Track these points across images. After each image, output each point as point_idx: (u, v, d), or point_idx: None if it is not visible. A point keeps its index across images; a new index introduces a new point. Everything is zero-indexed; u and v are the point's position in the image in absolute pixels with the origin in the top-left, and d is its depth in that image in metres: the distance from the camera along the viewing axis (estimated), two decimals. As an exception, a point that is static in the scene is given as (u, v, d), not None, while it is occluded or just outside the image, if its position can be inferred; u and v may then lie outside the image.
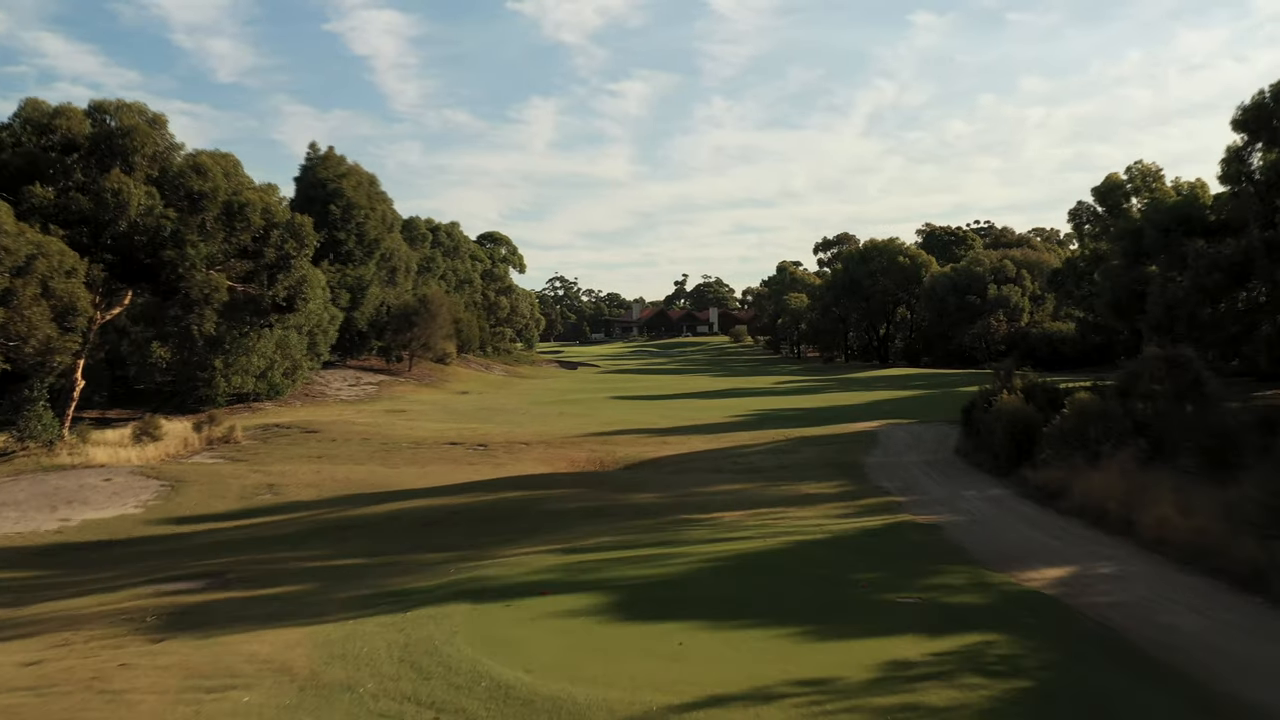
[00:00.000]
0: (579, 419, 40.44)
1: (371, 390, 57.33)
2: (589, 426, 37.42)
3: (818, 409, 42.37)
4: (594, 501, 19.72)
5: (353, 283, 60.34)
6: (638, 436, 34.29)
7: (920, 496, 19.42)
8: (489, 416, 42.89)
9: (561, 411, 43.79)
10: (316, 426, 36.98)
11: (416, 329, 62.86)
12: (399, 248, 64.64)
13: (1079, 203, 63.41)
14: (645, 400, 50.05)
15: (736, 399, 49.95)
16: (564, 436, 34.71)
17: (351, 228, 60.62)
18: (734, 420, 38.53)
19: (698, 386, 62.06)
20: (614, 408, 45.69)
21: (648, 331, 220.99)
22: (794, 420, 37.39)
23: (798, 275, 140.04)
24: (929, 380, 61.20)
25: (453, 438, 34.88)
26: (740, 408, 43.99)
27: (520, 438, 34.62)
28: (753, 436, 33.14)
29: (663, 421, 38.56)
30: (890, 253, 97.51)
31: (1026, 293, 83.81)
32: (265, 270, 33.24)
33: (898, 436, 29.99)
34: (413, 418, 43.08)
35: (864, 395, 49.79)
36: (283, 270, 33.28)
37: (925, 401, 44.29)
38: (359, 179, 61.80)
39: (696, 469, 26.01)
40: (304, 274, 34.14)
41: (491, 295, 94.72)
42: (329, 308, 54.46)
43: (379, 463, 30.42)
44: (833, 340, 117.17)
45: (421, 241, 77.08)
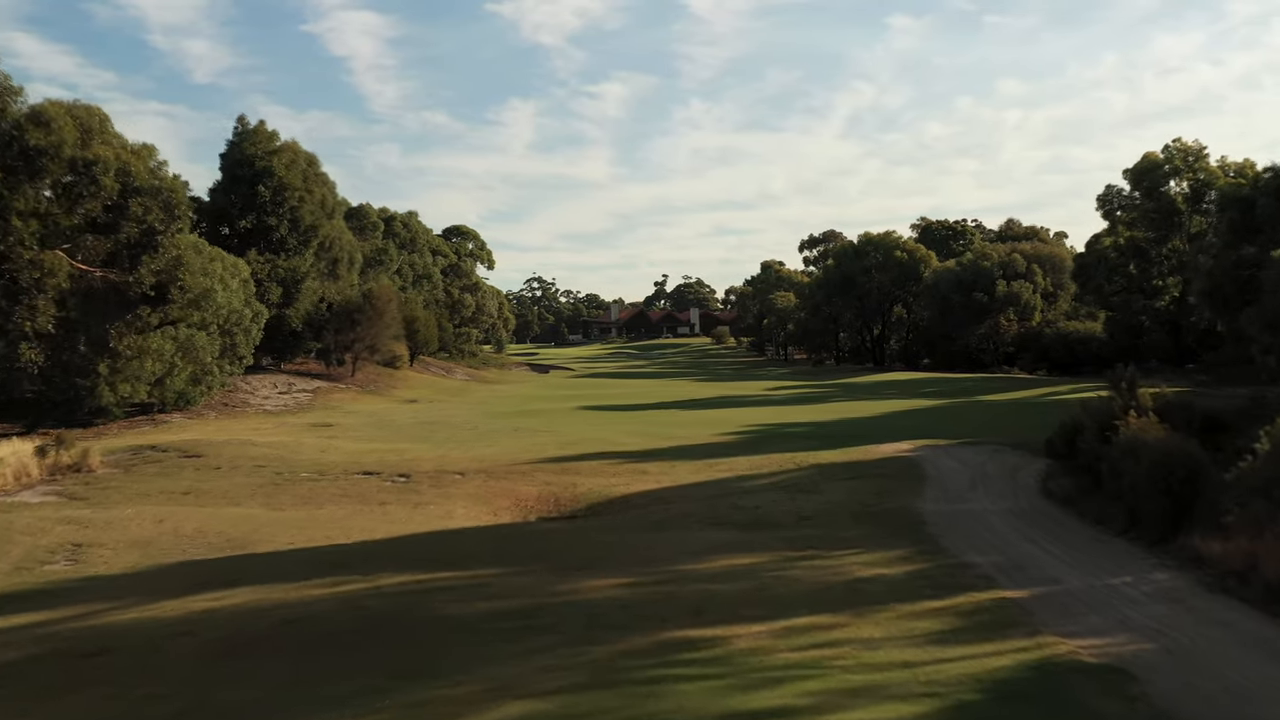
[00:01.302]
0: (537, 437, 32.97)
1: (304, 399, 49.61)
2: (547, 448, 29.96)
3: (825, 423, 35.09)
4: (522, 598, 12.27)
5: (285, 275, 52.57)
6: (607, 463, 26.85)
7: (1045, 588, 12.16)
8: (429, 433, 35.35)
9: (518, 427, 36.28)
10: (202, 449, 29.30)
11: (360, 328, 55.16)
12: (341, 236, 56.91)
13: (1108, 187, 56.69)
14: (619, 411, 42.62)
15: (725, 410, 42.60)
16: (513, 462, 27.23)
17: (284, 212, 52.86)
18: (726, 439, 31.18)
19: (680, 393, 54.69)
20: (582, 421, 38.23)
21: (627, 333, 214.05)
22: (801, 440, 30.07)
23: (784, 274, 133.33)
24: (942, 387, 54.09)
25: (372, 464, 27.32)
26: (731, 421, 36.66)
27: (456, 464, 27.10)
28: (753, 464, 25.77)
29: (639, 440, 31.16)
30: (886, 247, 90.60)
31: (1038, 289, 76.98)
32: (126, 250, 25.60)
33: (947, 467, 22.69)
34: (336, 435, 35.48)
35: (875, 405, 42.55)
36: (147, 250, 25.67)
37: (952, 415, 37.09)
38: (294, 157, 54.05)
39: (684, 520, 18.60)
40: (177, 255, 26.59)
41: (455, 293, 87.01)
42: (252, 303, 46.71)
43: (260, 502, 22.85)
44: (822, 341, 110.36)
45: (372, 231, 69.31)
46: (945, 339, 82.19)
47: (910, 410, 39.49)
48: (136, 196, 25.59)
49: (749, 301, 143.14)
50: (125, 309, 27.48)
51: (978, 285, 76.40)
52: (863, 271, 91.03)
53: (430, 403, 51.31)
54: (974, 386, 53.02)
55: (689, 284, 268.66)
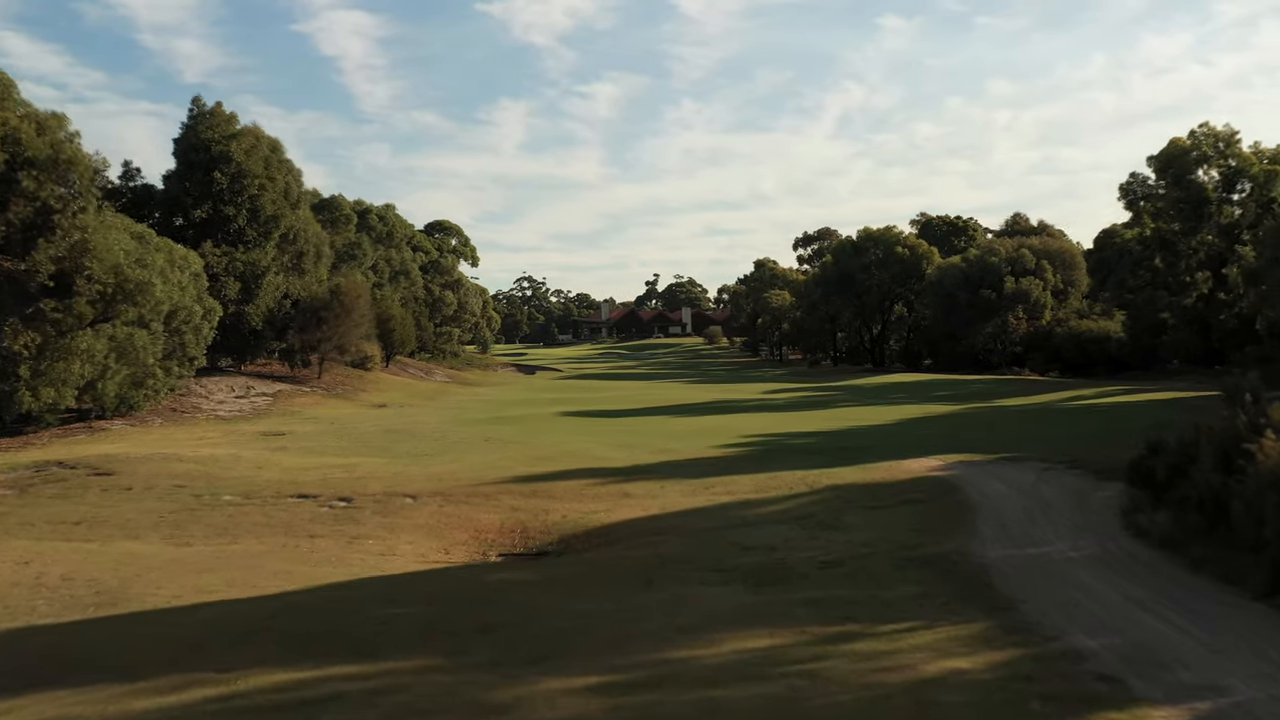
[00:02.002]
0: (510, 449, 29.03)
1: (262, 403, 45.57)
2: (519, 463, 26.01)
3: (835, 433, 31.22)
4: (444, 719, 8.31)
5: (244, 269, 48.52)
6: (586, 483, 22.90)
7: (1208, 701, 8.27)
8: (390, 444, 31.38)
9: (490, 437, 32.32)
10: (117, 466, 25.26)
11: (326, 327, 51.10)
12: (307, 228, 52.83)
13: (1132, 175, 52.91)
14: (605, 418, 38.68)
15: (721, 416, 38.72)
16: (477, 482, 23.26)
17: (243, 201, 48.81)
18: (724, 452, 27.27)
19: (672, 397, 50.78)
20: (562, 430, 34.30)
21: (617, 333, 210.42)
22: (810, 454, 26.18)
23: (779, 272, 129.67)
24: (953, 390, 50.30)
25: (312, 484, 23.33)
26: (728, 430, 32.77)
27: (411, 484, 23.13)
28: (758, 485, 21.87)
29: (624, 454, 27.24)
30: (887, 243, 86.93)
31: (1048, 286, 73.33)
32: (19, 233, 21.60)
33: (995, 492, 18.79)
34: (285, 445, 31.49)
35: (885, 411, 38.69)
36: (44, 232, 21.66)
37: (975, 423, 33.26)
38: (254, 142, 49.96)
39: (677, 567, 14.67)
40: (82, 239, 22.56)
41: (436, 290, 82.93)
42: (205, 299, 42.68)
43: (163, 535, 18.84)
44: (819, 341, 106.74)
45: (345, 224, 65.23)
46: (949, 338, 78.49)
47: (926, 417, 35.64)
48: (29, 169, 21.63)
49: (742, 300, 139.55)
50: (24, 302, 23.48)
51: (985, 282, 72.74)
52: (862, 268, 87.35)
53: (401, 408, 47.30)
54: (988, 390, 49.22)
55: (680, 283, 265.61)
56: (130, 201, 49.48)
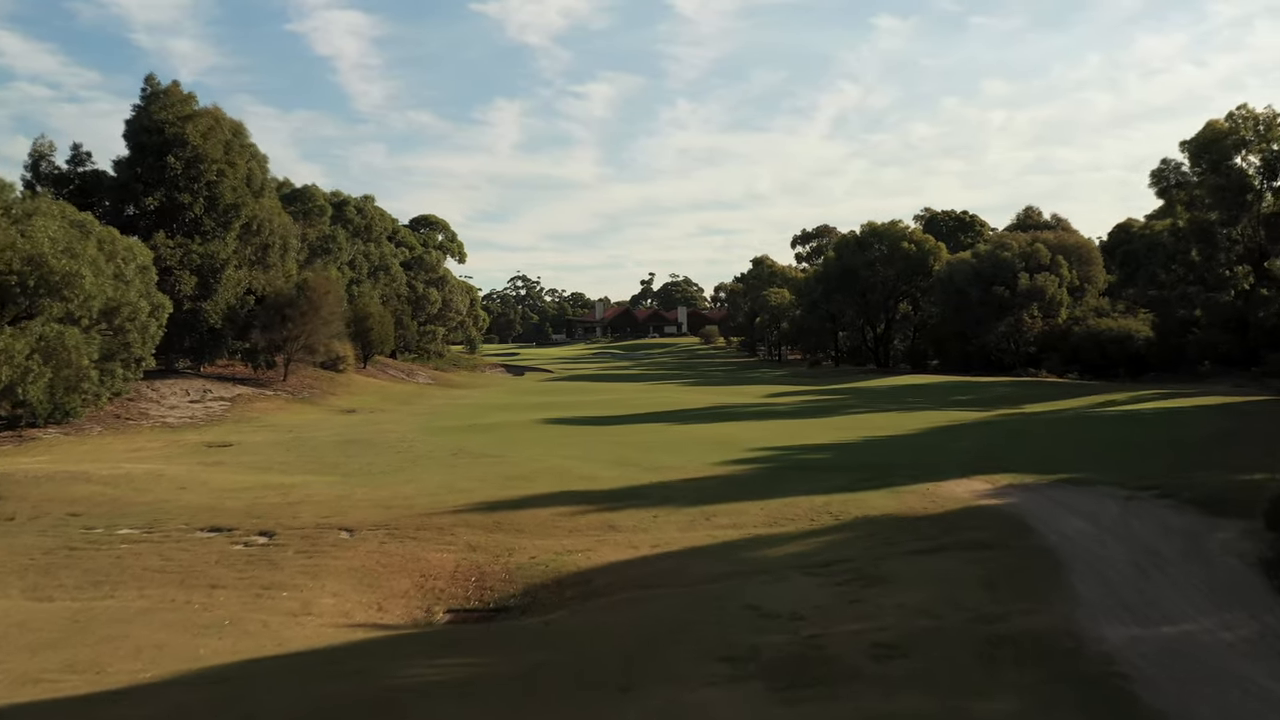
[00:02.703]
0: (480, 465, 25.12)
1: (218, 409, 41.60)
2: (488, 484, 22.10)
3: (852, 446, 27.33)
4: None
5: (201, 262, 44.56)
6: (564, 511, 18.98)
7: None
8: (345, 457, 27.45)
9: (460, 449, 28.39)
10: (6, 489, 21.27)
11: (292, 325, 47.13)
12: (272, 218, 48.84)
13: (1164, 161, 48.98)
14: (592, 426, 34.75)
15: (721, 424, 34.84)
16: (433, 509, 19.34)
17: (199, 188, 44.84)
18: (728, 470, 23.39)
19: (666, 401, 46.89)
20: (543, 441, 30.37)
21: (612, 332, 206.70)
22: (829, 473, 22.30)
23: (778, 269, 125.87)
24: (972, 393, 46.48)
25: (235, 511, 19.39)
26: (731, 442, 28.89)
27: (354, 511, 19.20)
28: (771, 515, 17.98)
29: (612, 472, 23.35)
30: (892, 238, 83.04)
31: (1064, 283, 69.49)
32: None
33: (1077, 532, 14.90)
34: (224, 459, 27.58)
35: (904, 419, 34.83)
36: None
37: (1011, 432, 29.39)
38: (213, 124, 45.99)
39: (670, 647, 10.76)
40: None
41: (419, 287, 78.88)
42: (153, 294, 38.74)
43: (25, 585, 14.91)
44: (819, 341, 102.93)
45: (319, 216, 61.19)
46: (958, 338, 74.63)
47: (952, 426, 31.76)
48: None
49: (740, 299, 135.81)
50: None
51: (997, 278, 68.86)
52: (866, 264, 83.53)
53: (371, 413, 43.35)
54: (1010, 393, 45.38)
55: (676, 282, 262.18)
56: (78, 188, 45.57)
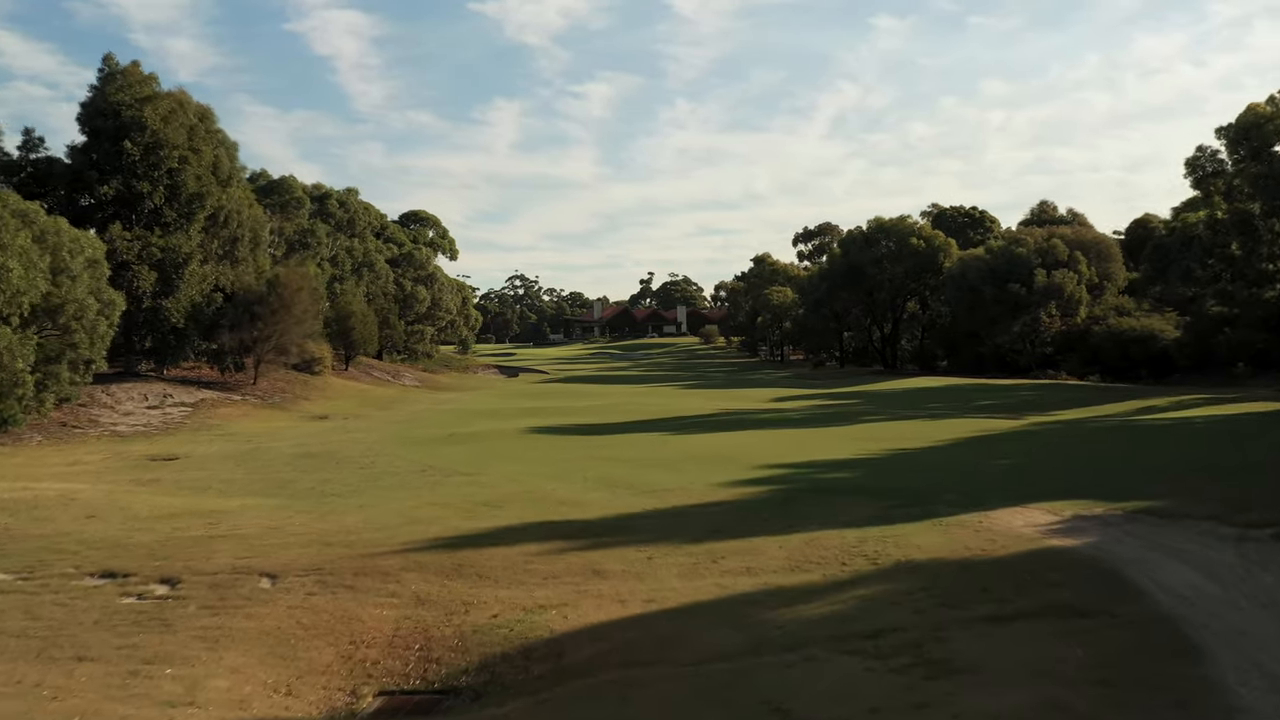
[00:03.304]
0: (448, 486, 21.77)
1: (178, 416, 38.27)
2: (452, 510, 18.77)
3: (877, 462, 23.96)
4: None
5: (161, 256, 41.20)
6: (539, 549, 15.59)
7: None
8: (298, 474, 24.10)
9: (429, 465, 25.03)
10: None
11: (262, 324, 43.77)
12: (241, 210, 45.48)
13: (1199, 148, 45.62)
14: (583, 436, 31.38)
15: (726, 434, 31.52)
16: (379, 546, 15.94)
17: (159, 176, 41.45)
18: (735, 493, 20.04)
19: (665, 407, 43.56)
20: (526, 455, 27.00)
21: (610, 332, 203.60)
22: (854, 496, 18.97)
23: (780, 267, 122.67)
24: (995, 398, 43.16)
25: (140, 549, 16.00)
26: (737, 455, 25.56)
27: (282, 550, 15.82)
28: (792, 556, 14.64)
29: (600, 495, 20.03)
30: (901, 234, 79.74)
31: (1082, 280, 66.19)
32: None
33: (1195, 589, 11.58)
34: (158, 478, 24.24)
35: (928, 428, 31.48)
36: None
37: (1051, 446, 26.05)
38: (175, 107, 42.62)
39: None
40: None
41: (407, 285, 75.50)
42: (104, 290, 35.43)
43: None
44: (823, 341, 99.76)
45: (296, 209, 57.80)
46: (970, 338, 71.38)
47: (985, 437, 28.39)
48: None
49: (740, 298, 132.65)
50: None
51: (1013, 275, 65.57)
52: (873, 261, 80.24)
53: (345, 420, 39.98)
54: (1035, 398, 42.07)
55: (675, 281, 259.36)
56: (31, 176, 42.15)
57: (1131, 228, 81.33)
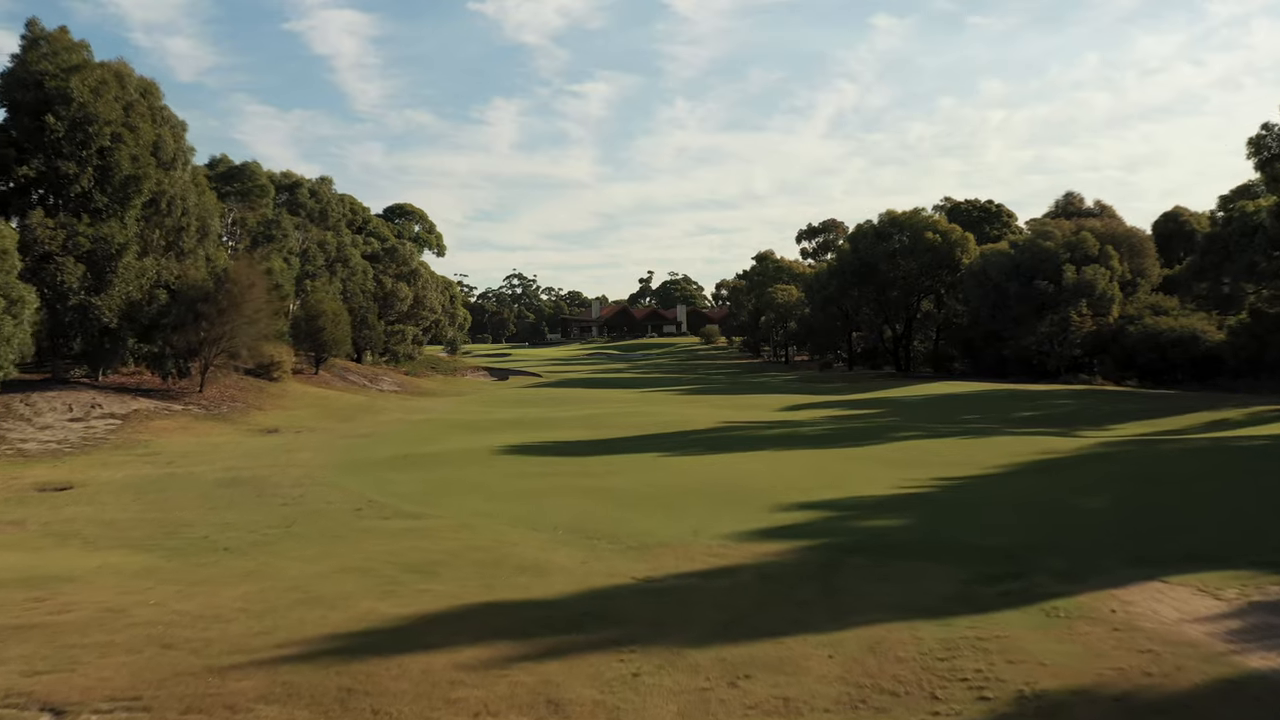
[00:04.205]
0: (376, 537, 16.80)
1: (104, 429, 33.36)
2: (371, 580, 13.84)
3: (932, 500, 19.02)
4: None
5: (91, 246, 36.28)
6: (473, 657, 10.60)
7: None
8: (205, 513, 19.16)
9: (368, 499, 20.06)
10: None
11: (207, 323, 38.82)
12: (187, 196, 40.53)
13: (1264, 127, 40.57)
14: (563, 458, 26.37)
15: (735, 456, 26.58)
16: (246, 648, 10.97)
17: (89, 156, 36.53)
18: (754, 551, 15.08)
19: (662, 418, 38.66)
20: (487, 483, 22.03)
21: (608, 331, 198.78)
22: (914, 557, 14.05)
23: (784, 264, 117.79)
24: (1038, 407, 38.24)
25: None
26: (751, 488, 20.67)
27: (100, 660, 10.86)
28: (850, 677, 9.71)
29: (572, 555, 15.08)
30: (915, 228, 74.87)
31: (1115, 276, 61.26)
32: None
33: None
34: (28, 517, 19.30)
35: (978, 449, 26.52)
36: None
37: (1153, 477, 21.06)
38: (109, 79, 37.68)
39: None
40: None
41: (388, 282, 70.53)
42: (15, 285, 30.63)
43: None
44: (831, 341, 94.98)
45: (259, 197, 52.79)
46: (992, 339, 66.45)
47: (1052, 463, 23.43)
48: None
49: (742, 296, 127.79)
50: None
51: (1040, 271, 60.67)
52: (886, 257, 75.40)
53: (297, 433, 35.04)
54: (1081, 408, 37.17)
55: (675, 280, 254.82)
56: (-55, 158, 37.19)
57: (1160, 222, 76.48)
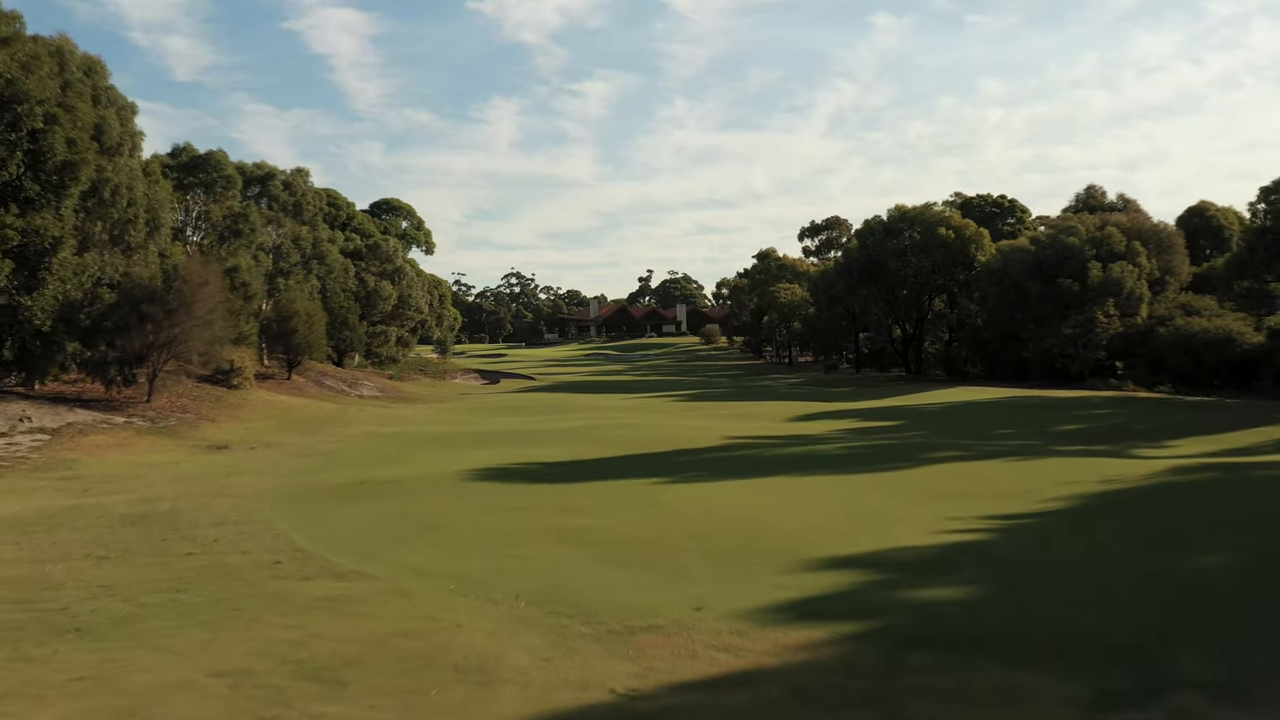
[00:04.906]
0: (276, 616, 12.92)
1: (28, 447, 29.54)
2: (255, 686, 9.90)
3: (991, 554, 15.23)
4: None
5: (21, 240, 32.50)
6: None
7: None
8: (83, 562, 15.28)
9: (291, 551, 16.21)
10: None
11: (152, 326, 34.99)
12: (134, 185, 36.69)
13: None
14: (538, 486, 22.52)
15: (740, 483, 22.74)
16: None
17: (18, 139, 32.72)
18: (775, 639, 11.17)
19: (658, 431, 34.85)
20: (442, 524, 18.17)
21: (607, 331, 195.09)
22: (996, 653, 10.17)
23: (787, 262, 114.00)
24: (1077, 418, 34.41)
25: None
26: (762, 528, 16.91)
27: None
28: None
29: (534, 638, 11.25)
30: (927, 223, 71.03)
31: (1143, 274, 57.44)
32: None
33: None
34: None
35: (1027, 477, 22.69)
36: None
37: (1273, 525, 17.28)
38: (42, 54, 33.86)
39: None
40: None
41: (370, 280, 66.66)
42: (-80, 284, 26.77)
43: None
44: (837, 342, 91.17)
45: (225, 189, 48.92)
46: (1010, 340, 62.62)
47: (1118, 495, 19.58)
48: None
49: (744, 295, 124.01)
50: None
51: (1064, 268, 56.84)
52: (896, 254, 71.56)
53: (250, 450, 31.20)
54: (1129, 421, 33.33)
55: (675, 279, 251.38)
56: None
57: (1185, 217, 72.75)
